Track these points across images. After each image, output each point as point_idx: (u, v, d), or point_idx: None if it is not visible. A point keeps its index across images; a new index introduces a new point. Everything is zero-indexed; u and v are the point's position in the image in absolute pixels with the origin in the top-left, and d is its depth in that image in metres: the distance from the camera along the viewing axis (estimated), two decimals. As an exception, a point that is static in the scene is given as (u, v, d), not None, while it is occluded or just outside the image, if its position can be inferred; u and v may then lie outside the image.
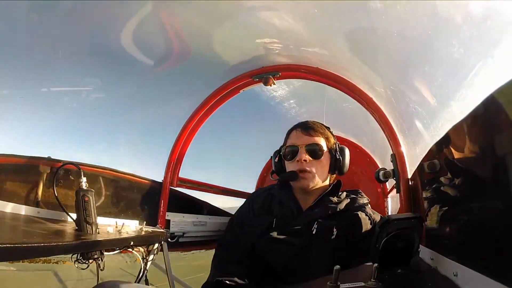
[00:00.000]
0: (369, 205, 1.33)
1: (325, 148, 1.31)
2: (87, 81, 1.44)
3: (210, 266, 1.35)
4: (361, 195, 1.36)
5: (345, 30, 1.16)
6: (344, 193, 1.35)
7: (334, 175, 1.40)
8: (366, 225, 1.22)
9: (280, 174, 1.37)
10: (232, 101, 1.77)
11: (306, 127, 1.34)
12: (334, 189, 1.34)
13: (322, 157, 1.30)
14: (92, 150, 1.64)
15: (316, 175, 1.28)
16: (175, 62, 1.50)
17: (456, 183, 0.83)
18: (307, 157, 1.28)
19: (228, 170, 2.64)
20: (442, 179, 0.93)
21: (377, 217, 1.27)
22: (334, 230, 1.19)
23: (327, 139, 1.34)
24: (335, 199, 1.30)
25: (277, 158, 1.43)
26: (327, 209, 1.25)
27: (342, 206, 1.27)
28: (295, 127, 1.38)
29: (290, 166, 1.33)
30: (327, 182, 1.37)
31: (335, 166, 1.33)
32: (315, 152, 1.29)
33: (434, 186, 1.02)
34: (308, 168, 1.27)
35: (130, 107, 1.69)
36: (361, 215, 1.24)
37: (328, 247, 1.16)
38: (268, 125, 2.32)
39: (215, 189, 2.03)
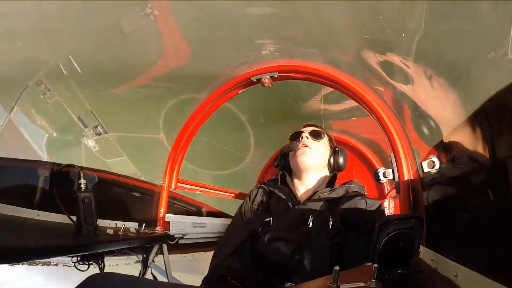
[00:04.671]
0: (364, 191, 1.38)
1: (326, 139, 1.46)
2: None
3: (211, 259, 1.36)
4: (356, 183, 1.40)
5: (344, 31, 1.16)
6: (339, 185, 1.39)
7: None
8: (362, 208, 1.24)
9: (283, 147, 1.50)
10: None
11: (312, 124, 1.52)
12: (330, 182, 1.40)
13: (323, 140, 1.44)
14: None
15: (313, 153, 1.39)
16: (173, 63, 1.52)
17: (456, 184, 0.83)
18: (309, 136, 1.42)
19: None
20: (442, 179, 0.93)
21: (373, 202, 1.29)
22: (330, 219, 1.21)
23: (329, 137, 1.49)
24: (328, 190, 1.35)
25: (282, 152, 1.54)
26: (321, 199, 1.30)
27: (336, 195, 1.31)
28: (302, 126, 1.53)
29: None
30: (324, 176, 1.43)
31: (334, 160, 1.44)
32: (316, 134, 1.43)
33: (434, 186, 1.02)
34: (308, 144, 1.40)
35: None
36: (356, 200, 1.28)
37: (326, 239, 1.17)
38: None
39: (215, 191, 2.03)
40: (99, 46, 1.26)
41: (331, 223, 1.20)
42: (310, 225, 1.21)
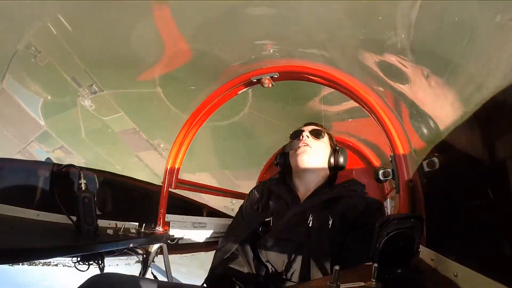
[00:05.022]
0: (364, 189, 1.38)
1: (326, 136, 1.45)
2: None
3: (213, 258, 1.36)
4: (355, 182, 1.41)
5: (344, 32, 1.16)
6: (339, 184, 1.41)
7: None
8: (361, 207, 1.24)
9: (284, 146, 1.49)
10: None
11: (313, 122, 1.52)
12: (330, 181, 1.41)
13: (323, 139, 1.44)
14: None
15: (315, 152, 1.39)
16: (174, 64, 1.51)
17: (456, 184, 0.83)
18: (310, 135, 1.42)
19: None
20: (442, 179, 0.93)
21: (373, 201, 1.30)
22: (330, 218, 1.21)
23: (329, 135, 1.49)
24: (328, 188, 1.36)
25: (282, 151, 1.53)
26: (321, 198, 1.29)
27: (335, 194, 1.31)
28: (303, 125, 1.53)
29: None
30: (324, 175, 1.43)
31: (335, 159, 1.43)
32: (317, 132, 1.43)
33: (434, 186, 1.02)
34: (309, 143, 1.40)
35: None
36: (355, 199, 1.28)
37: (325, 238, 1.17)
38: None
39: (214, 190, 2.03)
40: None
41: (330, 222, 1.20)
42: (310, 225, 1.21)
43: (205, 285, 1.26)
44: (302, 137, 1.41)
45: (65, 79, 1.44)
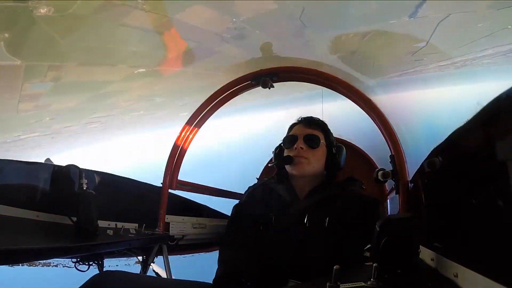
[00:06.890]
0: (362, 187, 1.37)
1: (322, 141, 1.37)
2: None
3: (217, 262, 1.35)
4: (354, 180, 1.39)
5: (344, 33, 1.17)
6: (337, 182, 1.39)
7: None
8: (360, 205, 1.24)
9: (277, 160, 1.43)
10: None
11: (308, 121, 1.42)
12: (328, 179, 1.39)
13: (319, 147, 1.35)
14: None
15: (311, 162, 1.33)
16: (175, 65, 1.50)
17: (457, 184, 0.83)
18: (304, 145, 1.34)
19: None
20: (442, 179, 0.93)
21: (371, 199, 1.30)
22: (326, 217, 1.21)
23: (326, 134, 1.41)
24: (327, 187, 1.34)
25: (278, 150, 1.48)
26: (317, 197, 1.29)
27: (333, 192, 1.30)
28: (297, 121, 1.45)
29: (288, 153, 1.38)
30: (323, 173, 1.41)
31: (332, 161, 1.38)
32: (312, 141, 1.35)
33: (434, 186, 1.02)
34: (304, 155, 1.33)
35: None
36: (354, 197, 1.28)
37: (322, 237, 1.18)
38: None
39: (214, 191, 2.03)
40: None
41: (327, 221, 1.20)
42: (307, 224, 1.21)
43: (212, 284, 1.26)
44: (296, 148, 1.34)
45: (7, 6, 1.13)
